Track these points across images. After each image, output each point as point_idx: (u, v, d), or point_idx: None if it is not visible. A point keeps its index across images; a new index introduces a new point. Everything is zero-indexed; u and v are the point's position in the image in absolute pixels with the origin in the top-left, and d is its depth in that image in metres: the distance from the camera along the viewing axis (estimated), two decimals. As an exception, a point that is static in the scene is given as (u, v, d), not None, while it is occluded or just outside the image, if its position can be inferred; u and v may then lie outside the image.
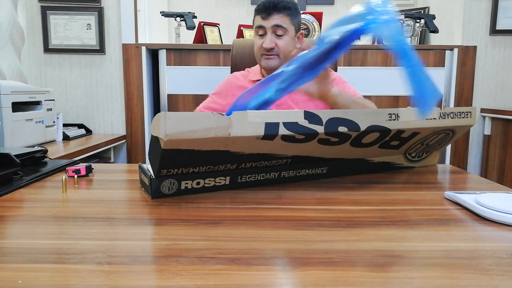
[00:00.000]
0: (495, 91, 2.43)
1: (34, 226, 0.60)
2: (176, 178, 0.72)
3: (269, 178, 0.81)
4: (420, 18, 2.42)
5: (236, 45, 1.54)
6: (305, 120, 0.71)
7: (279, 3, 1.21)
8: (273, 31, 1.22)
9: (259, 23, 1.23)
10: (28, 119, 1.71)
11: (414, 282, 0.42)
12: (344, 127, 0.74)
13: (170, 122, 0.60)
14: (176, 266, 0.45)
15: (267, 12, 1.21)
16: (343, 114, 0.74)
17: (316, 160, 0.84)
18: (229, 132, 0.64)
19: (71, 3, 2.28)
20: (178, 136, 0.61)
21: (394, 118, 0.79)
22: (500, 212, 0.61)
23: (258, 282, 0.42)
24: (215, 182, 0.76)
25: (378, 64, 2.26)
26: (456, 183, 0.88)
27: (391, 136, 0.82)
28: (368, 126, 0.76)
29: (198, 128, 0.62)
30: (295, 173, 0.84)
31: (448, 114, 0.85)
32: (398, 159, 0.95)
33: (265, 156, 0.75)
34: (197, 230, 0.58)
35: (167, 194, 0.73)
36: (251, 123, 0.67)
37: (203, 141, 0.64)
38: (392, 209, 0.68)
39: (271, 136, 0.69)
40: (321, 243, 0.53)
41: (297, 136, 0.71)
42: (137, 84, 2.31)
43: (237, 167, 0.76)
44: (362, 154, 0.88)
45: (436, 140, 0.93)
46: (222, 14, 3.49)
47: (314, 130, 0.72)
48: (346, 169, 0.90)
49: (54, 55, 2.33)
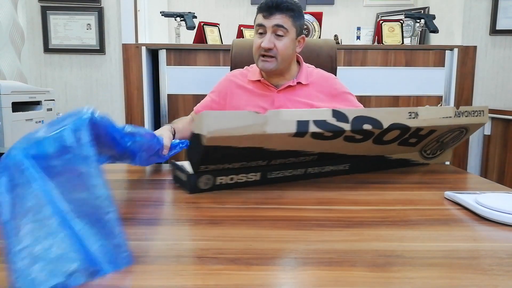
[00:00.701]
0: (495, 91, 2.43)
1: (34, 226, 0.60)
2: (212, 174, 0.77)
3: (296, 174, 0.86)
4: (420, 18, 2.41)
5: (236, 45, 1.54)
6: (333, 118, 0.76)
7: (282, 3, 1.19)
8: (273, 31, 1.19)
9: (260, 21, 1.21)
10: (28, 119, 1.71)
11: (414, 282, 0.42)
12: (368, 125, 0.79)
13: (212, 120, 0.66)
14: (176, 266, 0.45)
15: (269, 11, 1.19)
16: (368, 113, 0.79)
17: (339, 157, 0.89)
18: (264, 130, 0.69)
19: (71, 3, 2.28)
20: (219, 133, 0.66)
21: (414, 116, 0.84)
22: (500, 212, 0.61)
23: (258, 282, 0.42)
24: (247, 178, 0.81)
25: (378, 64, 2.26)
26: (456, 183, 0.88)
27: (410, 133, 0.87)
28: (390, 124, 0.81)
29: (236, 125, 0.67)
30: (320, 170, 0.89)
31: (463, 113, 0.90)
32: (414, 156, 1.01)
33: (294, 152, 0.80)
34: (197, 230, 0.58)
35: (204, 189, 0.77)
36: (284, 120, 0.71)
37: (241, 138, 0.69)
38: (392, 209, 0.68)
39: (302, 133, 0.73)
40: (321, 243, 0.53)
41: (325, 133, 0.76)
42: (137, 84, 2.31)
43: (268, 163, 0.82)
44: (382, 151, 0.93)
45: (450, 138, 0.98)
46: (222, 14, 3.49)
47: (341, 128, 0.76)
48: (366, 166, 0.95)
49: (54, 55, 2.33)
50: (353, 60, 2.26)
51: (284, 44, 1.20)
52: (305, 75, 1.29)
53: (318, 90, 1.28)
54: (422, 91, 2.28)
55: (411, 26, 2.87)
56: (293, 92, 1.27)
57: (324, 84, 1.29)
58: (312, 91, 1.28)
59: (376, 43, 2.45)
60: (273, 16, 1.19)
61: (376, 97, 2.26)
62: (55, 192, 0.44)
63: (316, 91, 1.28)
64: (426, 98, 2.28)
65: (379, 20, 2.46)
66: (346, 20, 3.49)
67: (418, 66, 2.26)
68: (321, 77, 1.31)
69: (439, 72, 2.27)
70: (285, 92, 1.27)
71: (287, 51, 1.22)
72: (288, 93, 1.27)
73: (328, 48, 1.53)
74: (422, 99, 2.28)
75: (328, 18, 3.39)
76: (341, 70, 1.55)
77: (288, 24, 1.20)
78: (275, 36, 1.20)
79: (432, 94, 2.28)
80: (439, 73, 2.27)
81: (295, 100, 1.26)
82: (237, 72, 1.35)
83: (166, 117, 2.28)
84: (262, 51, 1.21)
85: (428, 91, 2.28)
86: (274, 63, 1.21)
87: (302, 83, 1.27)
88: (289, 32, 1.20)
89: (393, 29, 2.41)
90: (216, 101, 1.32)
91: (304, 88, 1.27)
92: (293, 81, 1.27)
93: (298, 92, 1.27)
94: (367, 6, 3.47)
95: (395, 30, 2.41)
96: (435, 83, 2.27)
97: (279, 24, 1.19)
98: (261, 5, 1.22)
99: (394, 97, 2.27)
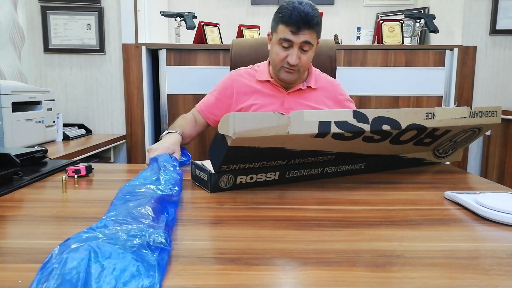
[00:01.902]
0: (495, 91, 2.43)
1: (34, 226, 0.60)
2: (233, 173, 0.78)
3: (313, 173, 0.88)
4: (420, 18, 2.41)
5: (235, 45, 1.54)
6: (354, 119, 0.77)
7: (312, 20, 1.14)
8: (300, 46, 1.17)
9: (287, 36, 1.16)
10: (28, 119, 1.71)
11: (414, 282, 0.42)
12: (387, 125, 0.80)
13: (238, 122, 0.66)
14: (176, 266, 0.45)
15: (298, 26, 1.14)
16: (387, 113, 0.80)
17: (356, 156, 0.90)
18: (287, 131, 0.70)
19: (71, 3, 2.28)
20: (245, 134, 0.67)
21: (431, 117, 0.85)
22: (500, 212, 0.61)
23: (258, 282, 0.42)
24: (266, 177, 0.82)
25: (378, 64, 2.26)
26: (456, 183, 0.88)
27: (426, 133, 0.88)
28: (408, 124, 0.82)
29: (261, 126, 0.68)
30: (337, 169, 0.91)
31: (477, 113, 0.91)
32: (428, 155, 1.03)
33: (314, 152, 0.81)
34: (197, 230, 0.58)
35: (225, 188, 0.78)
36: (307, 121, 0.72)
37: (264, 139, 0.70)
38: (392, 209, 0.68)
39: (324, 134, 0.74)
40: (321, 243, 0.53)
41: (346, 134, 0.77)
42: (137, 84, 2.31)
43: (287, 163, 0.83)
44: (398, 151, 0.95)
45: (463, 138, 0.99)
46: (222, 14, 3.49)
47: (362, 128, 0.77)
48: (381, 165, 0.97)
49: (54, 55, 2.33)
50: (353, 60, 2.26)
51: (308, 57, 1.20)
52: (314, 79, 1.30)
53: (325, 96, 1.30)
54: (422, 91, 2.28)
55: (411, 26, 2.87)
56: (302, 95, 1.28)
57: (331, 89, 1.31)
58: (320, 96, 1.29)
59: (376, 43, 2.45)
60: (301, 32, 1.15)
61: (376, 97, 2.26)
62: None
63: (323, 96, 1.29)
64: (426, 98, 2.28)
65: (379, 20, 2.46)
66: (346, 20, 3.49)
67: (418, 66, 2.26)
68: (328, 82, 1.33)
69: (439, 72, 2.27)
70: (294, 95, 1.27)
71: (309, 62, 1.24)
72: (297, 96, 1.27)
73: (327, 49, 1.53)
74: (422, 99, 2.28)
75: (328, 18, 3.39)
76: (341, 70, 1.55)
77: (313, 39, 1.18)
78: (300, 51, 1.18)
79: (432, 94, 2.28)
80: (439, 73, 2.27)
81: (304, 103, 1.26)
82: (242, 71, 1.33)
83: (166, 117, 2.28)
84: (286, 64, 1.20)
85: (428, 91, 2.28)
86: (297, 74, 1.23)
87: (312, 87, 1.28)
88: (313, 46, 1.20)
89: (393, 29, 2.41)
90: (222, 100, 1.29)
91: (312, 92, 1.29)
92: (303, 84, 1.28)
93: (307, 96, 1.28)
94: (367, 6, 3.47)
95: (395, 30, 2.41)
96: (435, 83, 2.27)
97: (307, 41, 1.16)
98: (289, 19, 1.15)
99: (394, 97, 2.27)
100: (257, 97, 1.27)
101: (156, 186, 0.65)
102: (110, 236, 0.44)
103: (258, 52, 1.50)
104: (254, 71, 1.32)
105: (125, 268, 0.39)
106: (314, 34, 1.18)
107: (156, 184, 0.66)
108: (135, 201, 0.58)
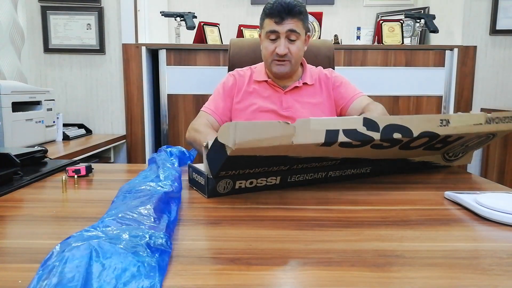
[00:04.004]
0: (495, 91, 2.43)
1: (34, 226, 0.60)
2: (231, 178, 0.75)
3: (317, 178, 0.84)
4: (420, 18, 2.42)
5: (233, 44, 1.54)
6: (363, 127, 0.71)
7: (294, 8, 1.16)
8: (286, 36, 1.18)
9: (272, 27, 1.18)
10: (28, 119, 1.71)
11: (414, 282, 0.42)
12: (398, 134, 0.74)
13: (240, 132, 0.61)
14: (176, 266, 0.45)
15: (280, 16, 1.16)
16: (399, 121, 0.75)
17: (362, 160, 0.86)
18: (292, 141, 0.65)
19: (71, 3, 2.28)
20: (245, 145, 0.62)
21: (445, 124, 0.79)
22: (500, 212, 0.61)
23: (258, 282, 0.42)
24: (267, 182, 0.79)
25: (378, 64, 2.26)
26: (456, 183, 0.88)
27: (438, 140, 0.83)
28: (420, 132, 0.76)
29: (264, 137, 0.63)
30: (341, 173, 0.87)
31: (493, 119, 0.86)
32: (437, 158, 0.98)
33: (318, 159, 0.78)
34: (197, 230, 0.58)
35: (222, 193, 0.75)
36: (313, 130, 0.67)
37: (266, 148, 0.65)
38: (392, 209, 0.68)
39: (331, 143, 0.69)
40: (321, 243, 0.53)
41: (354, 142, 0.72)
42: (137, 84, 2.31)
43: (289, 168, 0.79)
44: (406, 155, 0.90)
45: (476, 143, 0.95)
46: (222, 14, 3.49)
47: (371, 137, 0.72)
48: (388, 169, 0.93)
49: (54, 55, 2.33)
50: (353, 60, 2.26)
51: (297, 47, 1.21)
52: (309, 76, 1.31)
53: (322, 88, 1.31)
54: (422, 91, 2.28)
55: (411, 26, 2.87)
56: (299, 92, 1.28)
57: (326, 80, 1.32)
58: (317, 90, 1.31)
59: (376, 43, 2.45)
60: (285, 21, 1.17)
61: (376, 97, 2.25)
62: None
63: (320, 89, 1.31)
64: (426, 98, 2.28)
65: (379, 20, 2.46)
66: (346, 20, 3.49)
67: (418, 66, 2.26)
68: (323, 74, 1.34)
69: (439, 72, 2.27)
70: (291, 93, 1.28)
71: (300, 53, 1.23)
72: (294, 94, 1.28)
73: (326, 49, 1.53)
74: (422, 99, 2.28)
75: (328, 18, 3.39)
76: (341, 70, 1.54)
77: (299, 28, 1.19)
78: (288, 41, 1.19)
79: (432, 94, 2.28)
80: (439, 73, 2.27)
81: (302, 101, 1.28)
82: (240, 71, 1.34)
83: (166, 117, 2.28)
84: (276, 56, 1.21)
85: (428, 91, 2.28)
86: (289, 66, 1.23)
87: (308, 83, 1.29)
88: (300, 35, 1.20)
89: (393, 29, 2.41)
90: (227, 100, 1.30)
91: (309, 88, 1.30)
92: (299, 81, 1.29)
93: (304, 93, 1.29)
94: (367, 6, 3.47)
95: (395, 30, 2.41)
96: (435, 83, 2.27)
97: (292, 29, 1.17)
98: (271, 10, 1.18)
99: (394, 97, 2.27)
100: (256, 97, 1.28)
101: (157, 183, 0.65)
102: (111, 235, 0.44)
103: (256, 52, 1.50)
104: (251, 71, 1.33)
105: (126, 268, 0.39)
106: (299, 22, 1.19)
107: (156, 181, 0.66)
108: (136, 199, 0.58)
